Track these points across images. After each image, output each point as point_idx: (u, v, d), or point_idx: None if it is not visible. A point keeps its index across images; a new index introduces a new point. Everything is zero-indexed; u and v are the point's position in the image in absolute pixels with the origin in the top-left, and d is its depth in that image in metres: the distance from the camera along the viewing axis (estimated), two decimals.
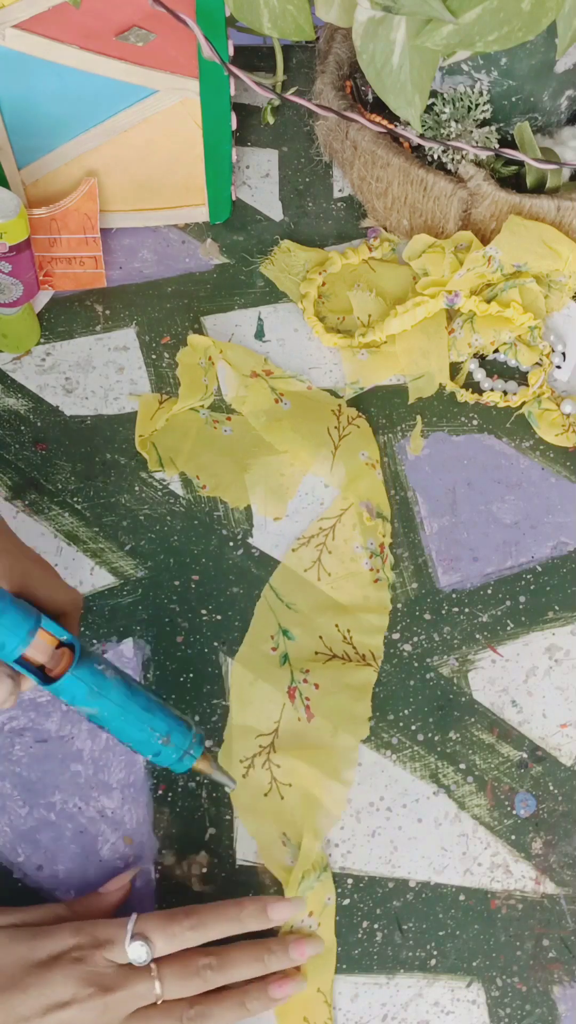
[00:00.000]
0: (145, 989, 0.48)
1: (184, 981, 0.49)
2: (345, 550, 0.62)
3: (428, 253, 0.69)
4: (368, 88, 0.71)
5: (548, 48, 0.64)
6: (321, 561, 0.62)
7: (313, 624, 0.60)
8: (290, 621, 0.60)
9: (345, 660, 0.59)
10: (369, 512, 0.62)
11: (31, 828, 0.55)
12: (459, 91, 0.68)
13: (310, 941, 0.53)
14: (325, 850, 0.55)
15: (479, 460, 0.66)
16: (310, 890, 0.54)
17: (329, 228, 0.74)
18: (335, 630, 0.60)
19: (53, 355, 0.68)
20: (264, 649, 0.59)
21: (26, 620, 0.45)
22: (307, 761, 0.56)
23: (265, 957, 0.51)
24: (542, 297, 0.68)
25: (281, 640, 0.59)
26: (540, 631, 0.61)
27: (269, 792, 0.56)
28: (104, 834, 0.55)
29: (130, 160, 0.68)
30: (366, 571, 0.61)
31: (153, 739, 0.49)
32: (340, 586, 0.61)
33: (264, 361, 0.67)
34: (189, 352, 0.67)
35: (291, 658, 0.59)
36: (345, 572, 0.61)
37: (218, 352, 0.67)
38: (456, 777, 0.57)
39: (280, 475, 0.64)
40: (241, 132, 0.78)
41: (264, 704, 0.58)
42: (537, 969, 0.54)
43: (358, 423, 0.65)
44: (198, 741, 0.50)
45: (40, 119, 0.64)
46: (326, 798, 0.56)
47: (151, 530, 0.63)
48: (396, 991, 0.53)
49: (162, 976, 0.48)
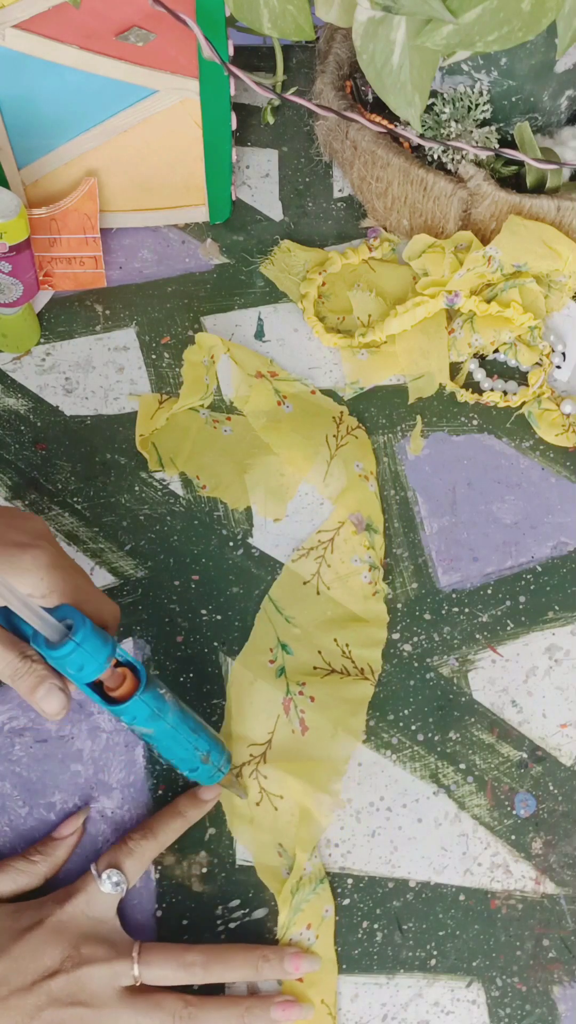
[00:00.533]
0: (124, 966, 0.49)
1: (164, 965, 0.50)
2: (344, 563, 0.62)
3: (428, 253, 0.69)
4: (368, 88, 0.71)
5: (548, 48, 0.64)
6: (320, 574, 0.62)
7: (312, 639, 0.60)
8: (289, 636, 0.60)
9: (344, 674, 0.59)
10: (357, 525, 0.62)
11: (31, 828, 0.55)
12: (459, 91, 0.68)
13: (307, 957, 0.52)
14: (325, 852, 0.55)
15: (479, 460, 0.66)
16: (305, 903, 0.54)
17: (329, 228, 0.74)
18: (334, 644, 0.60)
19: (53, 355, 0.68)
20: (262, 660, 0.59)
21: (105, 646, 0.45)
22: (296, 774, 0.56)
23: (260, 964, 0.51)
24: (542, 297, 0.68)
25: (280, 654, 0.59)
26: (540, 631, 0.61)
27: (261, 802, 0.56)
28: (104, 834, 0.55)
29: (130, 160, 0.68)
30: (364, 584, 0.61)
31: (196, 757, 0.51)
32: (339, 598, 0.61)
33: (270, 363, 0.67)
34: (195, 350, 0.67)
35: (288, 671, 0.59)
36: (344, 585, 0.61)
37: (225, 350, 0.67)
38: (456, 777, 0.57)
39: (280, 476, 0.64)
40: (241, 132, 0.78)
41: (259, 714, 0.58)
42: (537, 969, 0.54)
43: (357, 433, 0.65)
44: (227, 759, 0.52)
45: (40, 119, 0.64)
46: (316, 810, 0.56)
47: (151, 530, 0.63)
48: (396, 991, 0.53)
49: (143, 956, 0.50)
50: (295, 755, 0.57)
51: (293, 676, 0.59)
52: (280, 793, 0.56)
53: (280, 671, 0.59)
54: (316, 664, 0.59)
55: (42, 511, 0.63)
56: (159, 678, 0.59)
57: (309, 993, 0.52)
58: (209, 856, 0.55)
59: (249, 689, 0.58)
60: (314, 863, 0.55)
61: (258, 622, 0.60)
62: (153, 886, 0.54)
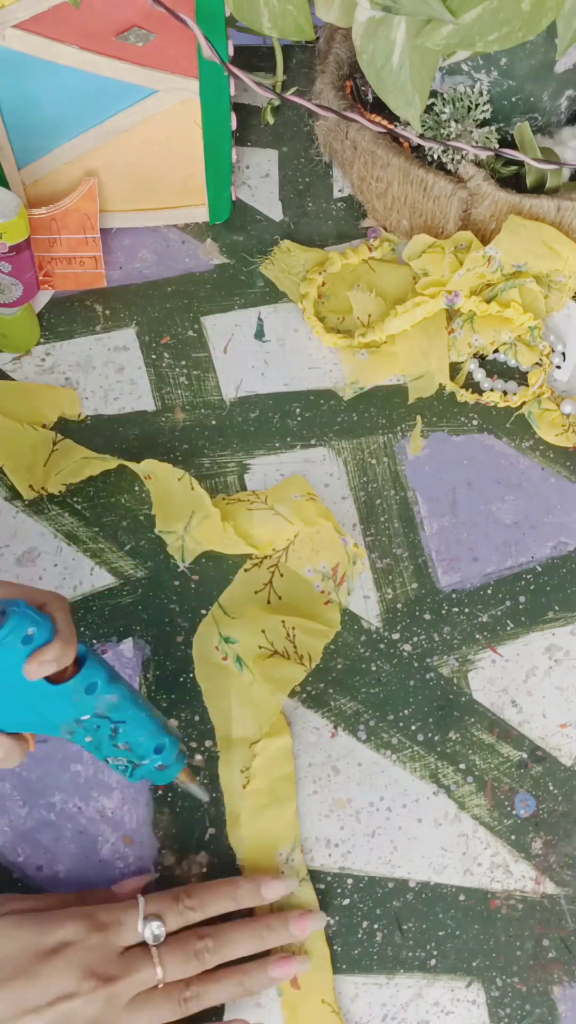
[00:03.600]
0: (147, 975, 0.49)
1: (184, 963, 0.50)
2: (297, 573, 0.61)
3: (428, 253, 0.69)
4: (368, 88, 0.71)
5: (548, 48, 0.64)
6: (272, 584, 0.61)
7: (256, 622, 0.59)
8: (229, 628, 0.60)
9: (284, 656, 0.59)
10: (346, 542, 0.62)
11: (31, 828, 0.55)
12: (459, 91, 0.68)
13: (312, 916, 0.53)
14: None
15: (479, 460, 0.66)
16: (287, 907, 0.54)
17: (329, 228, 0.74)
18: (280, 626, 0.59)
19: (53, 355, 0.68)
20: (216, 661, 0.59)
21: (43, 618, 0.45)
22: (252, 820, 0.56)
23: (264, 934, 0.52)
24: (542, 297, 0.68)
25: (224, 647, 0.59)
26: (540, 631, 0.61)
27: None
28: (104, 834, 0.55)
29: (130, 160, 0.68)
30: (317, 593, 0.61)
31: (162, 730, 0.49)
32: (290, 608, 0.61)
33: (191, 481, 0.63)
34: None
35: (243, 659, 0.59)
36: (296, 594, 0.61)
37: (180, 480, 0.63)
38: (456, 777, 0.57)
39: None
40: (241, 132, 0.78)
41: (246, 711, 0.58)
42: (537, 969, 0.54)
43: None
44: (183, 751, 0.52)
45: (40, 119, 0.64)
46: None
47: (151, 530, 0.63)
48: (396, 991, 0.53)
49: (163, 960, 0.49)
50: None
51: (247, 660, 0.59)
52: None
53: (238, 661, 0.58)
54: (260, 644, 0.59)
55: (42, 511, 0.63)
56: (159, 678, 0.59)
57: (309, 995, 0.52)
58: (209, 856, 0.55)
59: (227, 691, 0.58)
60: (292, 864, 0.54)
61: (201, 628, 0.60)
62: (153, 887, 0.54)
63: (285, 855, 0.55)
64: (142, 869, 0.55)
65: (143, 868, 0.55)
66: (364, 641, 0.61)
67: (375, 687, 0.59)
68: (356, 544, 0.62)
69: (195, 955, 0.50)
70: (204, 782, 0.56)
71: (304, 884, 0.54)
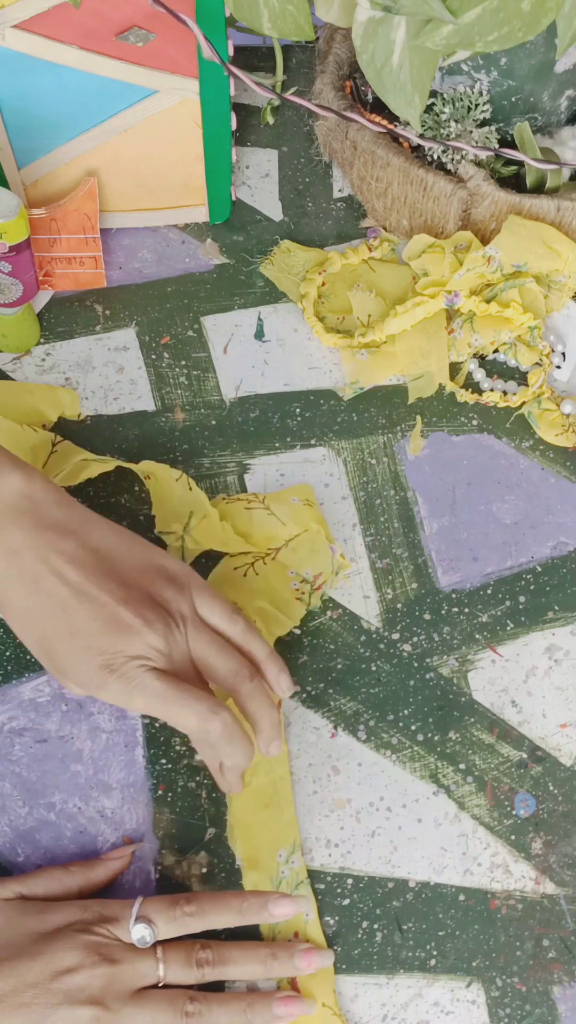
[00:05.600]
0: (149, 967, 0.49)
1: (185, 967, 0.50)
2: (277, 570, 0.61)
3: (428, 253, 0.69)
4: (368, 88, 0.71)
5: (548, 48, 0.64)
6: (253, 566, 0.61)
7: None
8: None
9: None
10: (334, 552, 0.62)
11: (31, 828, 0.55)
12: (459, 91, 0.68)
13: (319, 952, 0.52)
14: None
15: (479, 460, 0.66)
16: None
17: (329, 228, 0.74)
18: (248, 607, 0.59)
19: (53, 355, 0.68)
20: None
21: None
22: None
23: (268, 961, 0.51)
24: (542, 297, 0.68)
25: None
26: (540, 631, 0.61)
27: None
28: (104, 834, 0.55)
29: (130, 160, 0.68)
30: (291, 589, 0.61)
31: None
32: (262, 587, 0.61)
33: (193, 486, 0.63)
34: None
35: None
36: (272, 576, 0.61)
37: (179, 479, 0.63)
38: (456, 777, 0.57)
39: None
40: (241, 132, 0.78)
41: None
42: (537, 969, 0.54)
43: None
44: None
45: (40, 119, 0.64)
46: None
47: (151, 530, 0.63)
48: (396, 991, 0.53)
49: (165, 957, 0.49)
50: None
51: None
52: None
53: None
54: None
55: None
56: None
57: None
58: (209, 856, 0.55)
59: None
60: (293, 867, 0.54)
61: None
62: (153, 887, 0.54)
63: (285, 856, 0.55)
64: (142, 869, 0.55)
65: (143, 868, 0.55)
66: (364, 641, 0.61)
67: (375, 687, 0.59)
68: (343, 555, 0.62)
69: (196, 963, 0.50)
70: (205, 781, 0.56)
71: (312, 924, 0.53)
